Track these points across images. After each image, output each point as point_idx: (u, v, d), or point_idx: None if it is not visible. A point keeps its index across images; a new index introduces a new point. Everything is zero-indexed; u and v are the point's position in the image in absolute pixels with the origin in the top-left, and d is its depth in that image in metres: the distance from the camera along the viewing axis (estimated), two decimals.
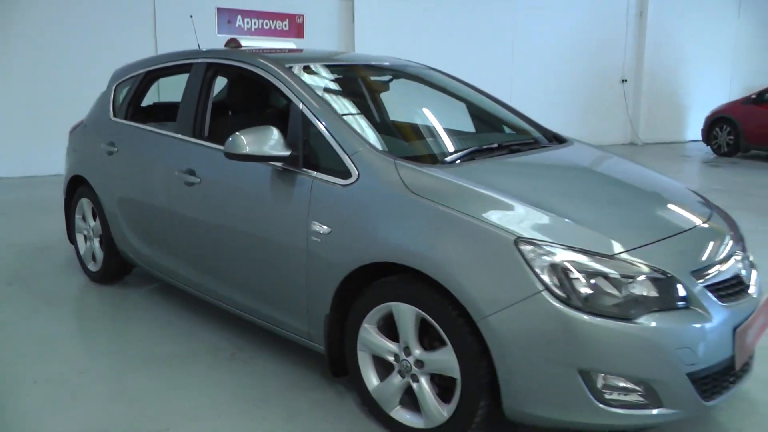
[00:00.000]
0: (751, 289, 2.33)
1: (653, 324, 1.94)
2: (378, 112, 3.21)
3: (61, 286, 3.97)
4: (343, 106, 2.93)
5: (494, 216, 2.10)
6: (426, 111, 3.27)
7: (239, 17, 3.78)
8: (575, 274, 1.96)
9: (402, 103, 3.48)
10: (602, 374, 1.95)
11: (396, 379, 2.33)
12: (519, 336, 1.97)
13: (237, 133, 2.58)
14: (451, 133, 3.00)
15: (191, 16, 4.37)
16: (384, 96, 3.43)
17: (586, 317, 1.92)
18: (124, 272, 4.03)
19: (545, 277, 1.95)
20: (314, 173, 2.55)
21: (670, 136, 12.10)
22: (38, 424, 2.48)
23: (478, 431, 2.17)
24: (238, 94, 3.57)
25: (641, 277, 1.99)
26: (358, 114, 2.94)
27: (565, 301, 1.93)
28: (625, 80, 11.53)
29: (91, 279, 4.06)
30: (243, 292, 2.93)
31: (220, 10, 3.71)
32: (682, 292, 2.04)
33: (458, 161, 2.57)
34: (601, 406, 1.97)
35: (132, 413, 2.56)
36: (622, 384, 1.98)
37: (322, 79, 3.06)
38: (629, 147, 11.40)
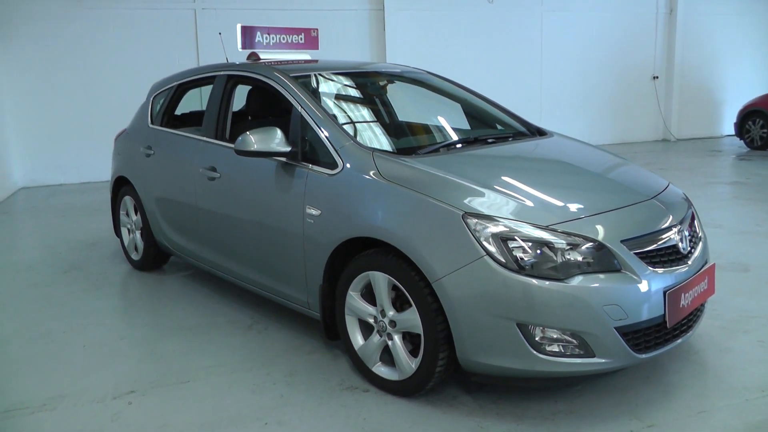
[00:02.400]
0: (690, 259, 2.63)
1: (580, 284, 2.28)
2: (368, 112, 3.62)
3: (108, 273, 4.55)
4: (336, 108, 3.37)
5: (447, 195, 2.49)
6: (414, 111, 3.68)
7: (258, 33, 4.26)
8: (512, 242, 2.32)
9: (394, 105, 3.88)
10: (539, 327, 2.30)
11: (375, 338, 2.73)
12: (466, 295, 2.34)
13: (246, 132, 3.05)
14: (433, 129, 3.40)
15: (220, 34, 4.92)
16: (377, 99, 3.84)
17: (520, 278, 2.28)
18: (162, 261, 4.57)
19: (486, 244, 2.32)
20: (310, 166, 2.99)
21: (704, 132, 12.04)
22: (85, 377, 3.00)
23: (439, 379, 2.55)
24: (255, 101, 4.05)
25: (571, 245, 2.33)
26: (348, 115, 3.37)
27: (503, 265, 2.30)
28: (657, 77, 11.57)
29: (134, 267, 4.62)
30: (255, 271, 3.40)
31: (243, 28, 4.21)
32: (611, 257, 2.37)
33: (429, 153, 2.95)
34: (539, 355, 2.32)
35: (160, 369, 3.05)
36: (557, 336, 2.32)
37: (321, 86, 3.50)
38: (661, 143, 11.43)
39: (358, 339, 2.83)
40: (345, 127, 3.08)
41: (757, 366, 2.89)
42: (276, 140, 3.01)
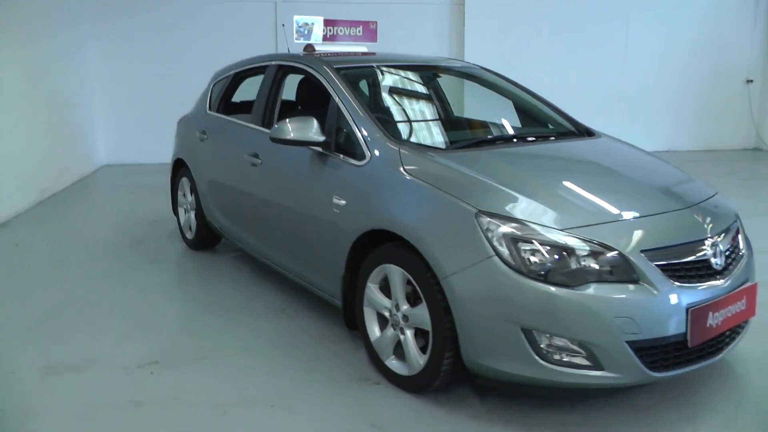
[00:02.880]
0: (725, 277, 2.45)
1: (591, 292, 2.18)
2: (409, 106, 3.60)
3: (163, 251, 4.79)
4: (376, 100, 3.37)
5: (464, 192, 2.44)
6: (459, 106, 3.62)
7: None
8: (523, 243, 2.25)
9: (440, 99, 3.84)
10: (545, 334, 2.22)
11: (389, 332, 2.73)
12: (473, 294, 2.30)
13: (282, 120, 3.11)
14: (474, 125, 3.34)
15: (283, 25, 5.01)
16: (422, 93, 3.81)
17: (528, 281, 2.20)
18: (215, 241, 4.75)
19: (496, 245, 2.26)
20: (341, 156, 3.02)
21: None
22: (118, 344, 3.18)
23: (446, 379, 2.52)
24: (303, 92, 4.13)
25: (584, 251, 2.23)
26: (387, 107, 3.37)
27: (511, 266, 2.23)
28: (751, 80, 10.77)
29: (188, 246, 4.84)
30: (288, 256, 3.48)
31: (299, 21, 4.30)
32: (628, 267, 2.24)
33: (460, 149, 2.91)
34: (543, 362, 2.23)
35: (188, 344, 3.19)
36: (564, 345, 2.23)
37: (364, 78, 3.52)
38: (752, 152, 10.64)
39: (375, 331, 2.84)
40: (382, 119, 3.07)
41: None
42: (310, 129, 3.06)
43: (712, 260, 2.42)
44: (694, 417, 2.51)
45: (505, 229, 2.28)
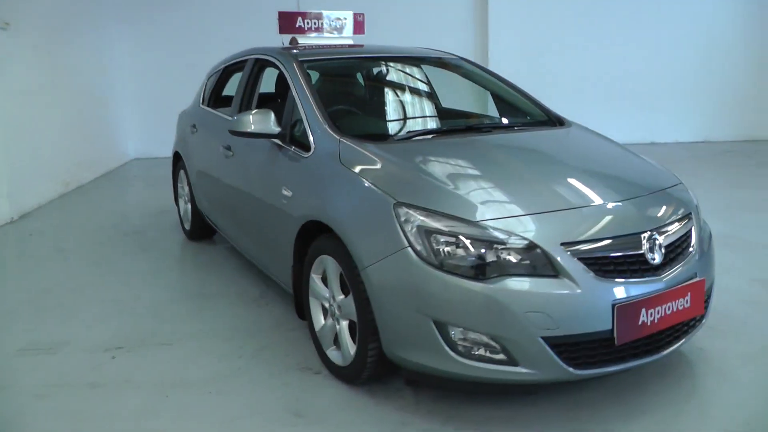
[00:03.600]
0: (664, 272, 2.34)
1: (502, 286, 2.13)
2: (368, 97, 3.58)
3: (160, 239, 4.96)
4: (333, 92, 3.38)
5: (387, 183, 2.43)
6: (424, 97, 3.58)
7: (299, 19, 4.37)
8: (437, 235, 2.22)
9: (406, 91, 3.80)
10: (458, 327, 2.19)
11: (329, 321, 2.75)
12: (388, 285, 2.28)
13: (241, 113, 3.17)
14: (430, 115, 3.30)
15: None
16: (387, 84, 3.79)
17: (439, 273, 2.17)
18: (212, 232, 4.87)
19: (411, 236, 2.24)
20: (293, 148, 3.05)
21: None
22: (92, 328, 3.33)
23: (373, 370, 2.52)
24: (279, 84, 4.18)
25: (499, 244, 2.18)
26: (343, 99, 3.37)
27: (424, 258, 2.21)
28: None
29: (186, 236, 4.99)
30: (254, 246, 3.55)
31: (281, 14, 4.34)
32: (545, 261, 2.18)
33: (402, 140, 2.88)
34: (456, 356, 2.20)
35: (155, 329, 3.30)
36: (477, 338, 2.19)
37: (328, 70, 3.53)
38: None
39: (320, 320, 2.86)
40: (339, 111, 3.09)
41: (756, 404, 2.52)
42: (266, 122, 3.10)
43: (648, 255, 2.32)
44: (632, 416, 2.42)
45: (420, 220, 2.25)
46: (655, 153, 8.93)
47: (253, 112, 3.14)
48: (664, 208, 2.54)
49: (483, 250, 2.18)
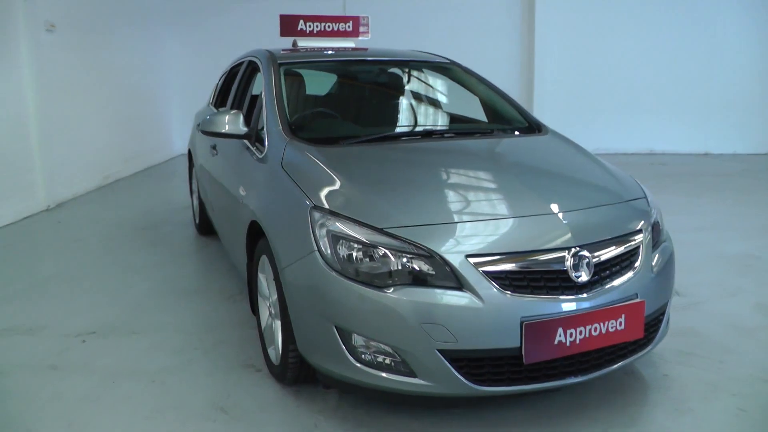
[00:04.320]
0: (590, 291, 2.22)
1: (399, 295, 2.09)
2: (338, 101, 3.58)
3: (173, 234, 5.17)
4: (302, 96, 3.42)
5: (311, 187, 2.44)
6: (392, 101, 3.56)
7: (301, 21, 4.44)
8: (343, 241, 2.20)
9: (383, 94, 3.78)
10: (358, 335, 2.16)
11: (269, 320, 2.79)
12: (299, 288, 2.30)
13: (212, 114, 3.27)
14: (392, 120, 3.28)
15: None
16: (363, 87, 3.78)
17: (340, 279, 2.16)
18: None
19: (320, 240, 2.24)
20: (254, 148, 3.11)
21: None
22: (73, 314, 3.53)
23: (295, 371, 2.53)
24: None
25: (401, 252, 2.14)
26: (313, 102, 3.40)
27: (329, 263, 2.20)
28: None
29: (197, 231, 5.18)
30: (226, 243, 3.65)
31: (282, 17, 4.43)
32: (447, 272, 2.11)
33: (351, 144, 2.88)
34: (357, 364, 2.18)
35: (129, 319, 3.46)
36: (378, 347, 2.16)
37: (306, 73, 3.57)
38: None
39: (266, 318, 2.90)
40: (303, 114, 3.13)
41: None
42: (234, 123, 3.17)
43: (571, 272, 2.20)
44: None
45: (329, 225, 2.25)
46: (705, 164, 8.42)
47: (223, 112, 3.22)
48: (607, 222, 2.41)
49: (384, 258, 2.15)
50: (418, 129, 3.24)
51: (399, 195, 2.39)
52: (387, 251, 2.15)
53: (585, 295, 2.20)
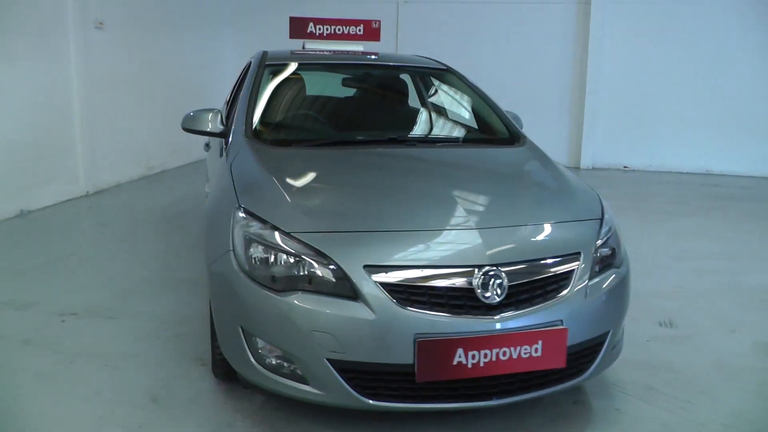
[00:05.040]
0: (498, 312, 2.12)
1: (293, 301, 2.09)
2: (320, 103, 3.60)
3: (191, 225, 5.38)
4: (278, 97, 3.47)
5: (241, 186, 2.48)
6: (372, 105, 3.55)
7: (311, 24, 4.51)
8: (254, 242, 2.23)
9: (367, 99, 3.76)
10: (259, 338, 2.18)
11: None
12: (216, 287, 2.35)
13: (190, 111, 3.38)
14: (357, 125, 3.29)
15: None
16: (349, 91, 3.78)
17: (246, 281, 2.19)
18: None
19: (236, 240, 2.27)
20: (225, 146, 3.20)
21: None
22: (64, 294, 3.75)
23: (223, 368, 2.57)
24: None
25: (300, 258, 2.14)
26: (283, 105, 3.45)
27: (240, 264, 2.23)
28: None
29: None
30: None
31: (292, 19, 4.51)
32: (344, 281, 2.09)
33: (301, 147, 2.91)
34: (258, 366, 2.20)
35: (111, 303, 3.64)
36: (275, 351, 2.17)
37: (291, 75, 3.62)
38: None
39: None
40: (295, 116, 3.21)
41: None
42: (212, 120, 3.26)
43: (478, 291, 2.12)
44: None
45: (245, 226, 2.28)
46: (761, 189, 7.80)
47: (203, 110, 3.32)
48: (534, 242, 2.30)
49: (288, 263, 2.15)
50: (383, 135, 3.21)
51: (319, 200, 2.39)
52: (290, 256, 2.16)
53: (495, 317, 2.11)
